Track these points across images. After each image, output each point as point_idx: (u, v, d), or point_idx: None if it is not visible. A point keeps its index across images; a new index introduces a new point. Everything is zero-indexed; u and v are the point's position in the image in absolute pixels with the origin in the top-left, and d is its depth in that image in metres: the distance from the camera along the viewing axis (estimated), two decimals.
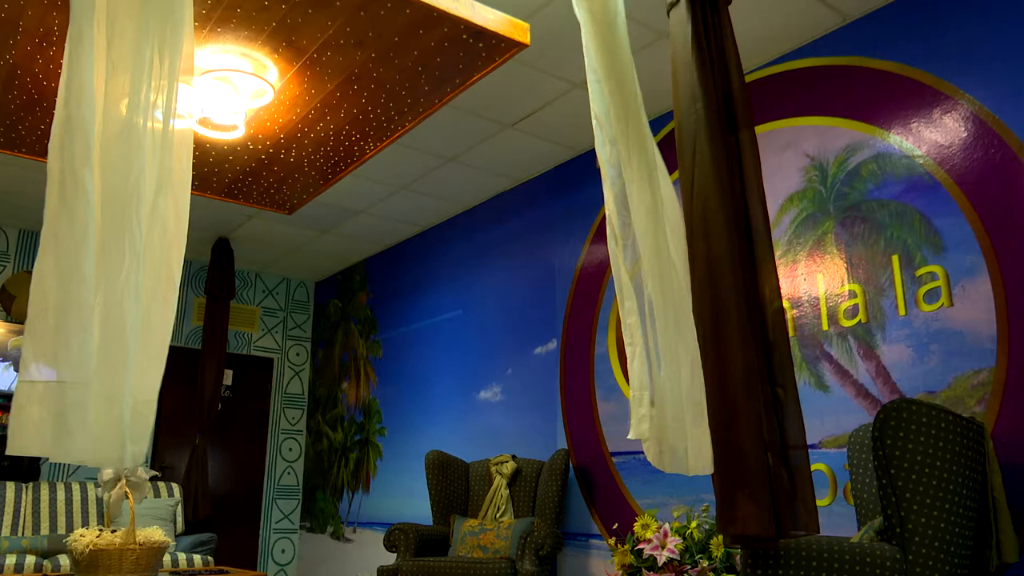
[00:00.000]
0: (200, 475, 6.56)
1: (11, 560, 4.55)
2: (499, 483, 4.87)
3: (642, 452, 4.40)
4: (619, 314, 2.47)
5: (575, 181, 5.40)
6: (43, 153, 4.61)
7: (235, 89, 3.88)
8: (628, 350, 2.43)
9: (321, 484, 7.54)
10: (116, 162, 1.95)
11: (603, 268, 4.98)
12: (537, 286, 5.57)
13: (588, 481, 4.78)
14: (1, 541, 4.81)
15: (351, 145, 4.48)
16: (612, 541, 4.08)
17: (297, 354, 8.11)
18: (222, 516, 7.22)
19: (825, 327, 3.74)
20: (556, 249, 5.46)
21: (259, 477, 7.66)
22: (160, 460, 7.02)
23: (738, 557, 3.48)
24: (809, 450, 3.54)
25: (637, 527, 3.67)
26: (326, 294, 8.14)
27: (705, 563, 3.51)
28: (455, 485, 5.05)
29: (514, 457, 4.97)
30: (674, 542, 3.56)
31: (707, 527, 3.66)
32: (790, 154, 4.06)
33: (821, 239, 3.84)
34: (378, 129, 4.32)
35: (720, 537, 3.53)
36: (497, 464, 4.96)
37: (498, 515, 4.77)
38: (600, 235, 5.09)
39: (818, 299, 3.79)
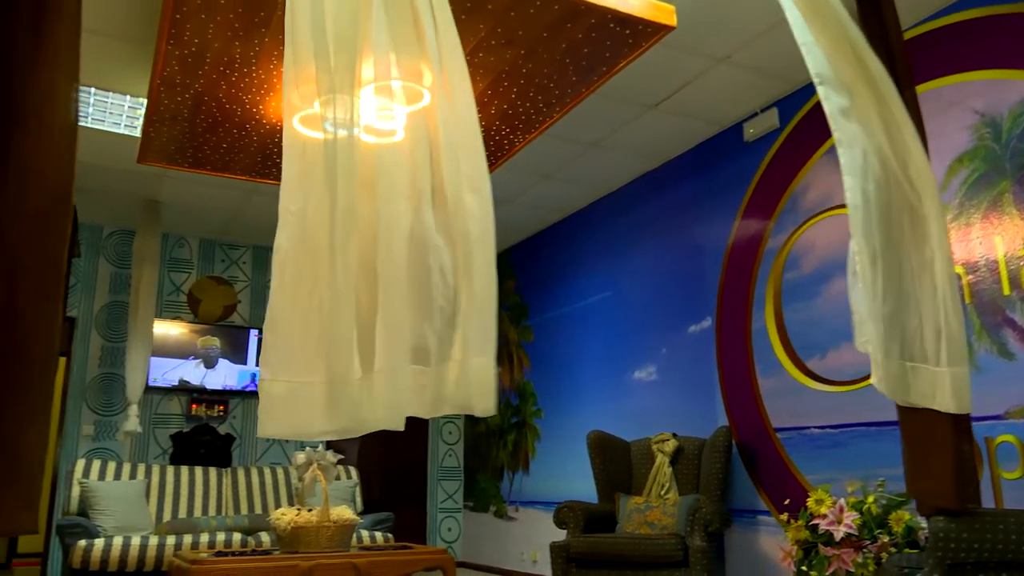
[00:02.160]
0: (372, 459, 7.00)
1: (220, 537, 5.06)
2: (661, 461, 4.93)
3: (808, 427, 4.36)
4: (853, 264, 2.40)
5: (721, 156, 5.35)
6: (225, 170, 5.07)
7: (394, 96, 4.11)
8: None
9: (481, 465, 7.86)
10: (312, 175, 2.13)
11: (756, 242, 4.92)
12: (687, 264, 5.56)
13: (752, 458, 4.76)
14: (209, 520, 5.35)
15: (501, 140, 4.64)
16: (784, 517, 4.06)
17: None
18: (392, 497, 7.68)
19: (1007, 291, 3.56)
20: (704, 226, 5.43)
21: (423, 460, 8.08)
22: (334, 446, 7.53)
23: (921, 533, 3.39)
24: (995, 421, 3.41)
25: (811, 502, 3.65)
26: None
27: (885, 538, 3.44)
28: (617, 464, 5.16)
29: (675, 435, 5.02)
30: (851, 517, 3.51)
31: (884, 502, 3.59)
32: (956, 112, 3.87)
33: (997, 199, 3.65)
34: (527, 122, 4.46)
35: (899, 512, 3.46)
36: (658, 442, 5.03)
37: (662, 492, 4.84)
38: (751, 209, 5.03)
39: (996, 263, 3.61)
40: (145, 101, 4.70)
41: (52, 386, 1.46)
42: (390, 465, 7.85)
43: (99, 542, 4.70)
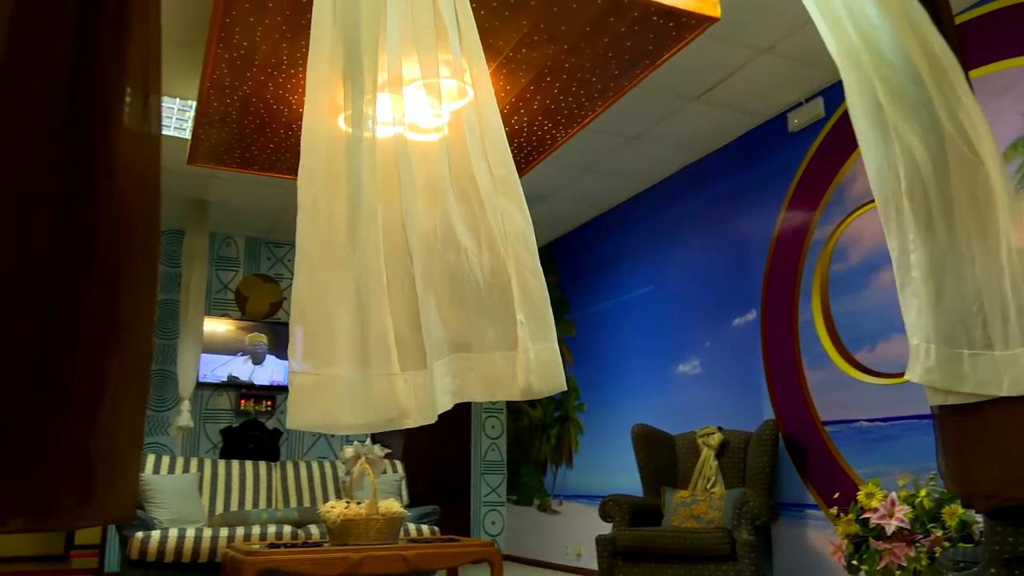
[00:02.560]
0: (416, 453, 7.08)
1: (271, 529, 5.17)
2: (707, 455, 4.91)
3: (858, 420, 4.31)
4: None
5: (764, 147, 5.29)
6: (272, 169, 5.17)
7: (437, 94, 4.15)
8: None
9: (524, 459, 7.89)
10: (341, 173, 2.15)
11: (802, 234, 4.87)
12: (730, 257, 5.52)
13: (799, 451, 4.72)
14: (260, 513, 5.47)
15: (543, 135, 4.66)
16: (834, 511, 4.03)
17: None
18: (436, 491, 7.75)
19: None
20: (748, 218, 5.38)
21: (466, 454, 8.15)
22: (380, 440, 7.63)
23: (976, 527, 3.34)
24: None
25: (861, 496, 3.61)
26: None
27: (939, 532, 3.40)
28: (662, 457, 5.15)
29: (720, 429, 4.99)
30: (903, 511, 3.47)
31: (937, 495, 3.54)
32: (1009, 98, 3.78)
33: None
34: (569, 117, 4.47)
35: (952, 506, 3.41)
36: (703, 436, 5.01)
37: (708, 486, 4.82)
38: (797, 200, 4.97)
39: None
40: (194, 103, 4.81)
41: (149, 381, 1.53)
42: (434, 459, 7.93)
43: (155, 534, 4.83)
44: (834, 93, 4.76)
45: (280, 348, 7.41)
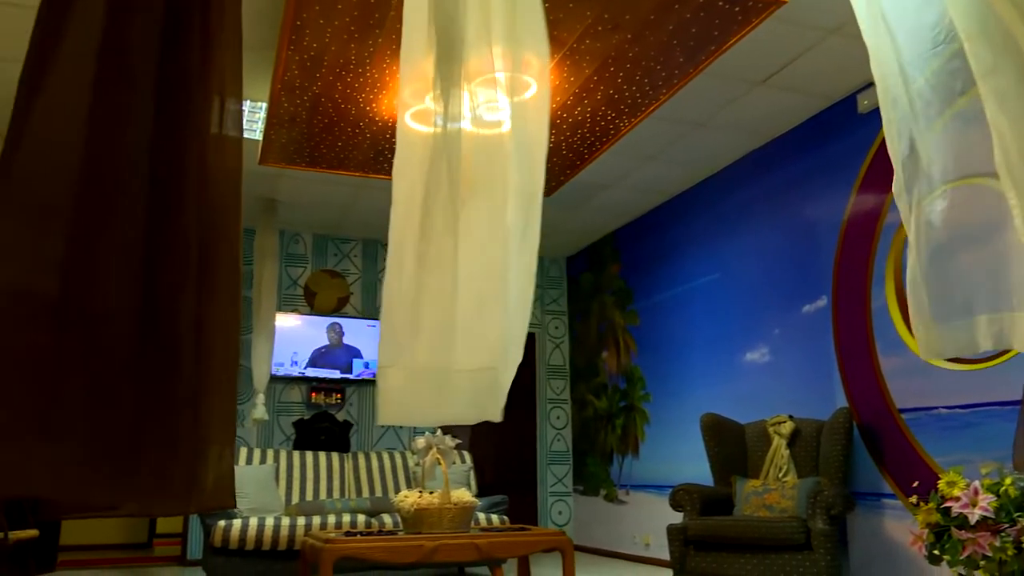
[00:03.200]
0: (484, 444, 7.17)
1: (346, 518, 5.31)
2: (778, 443, 4.86)
3: (936, 407, 4.21)
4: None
5: (833, 130, 5.19)
6: (339, 167, 5.29)
7: (500, 88, 4.19)
8: None
9: (589, 449, 7.91)
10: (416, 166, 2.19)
11: (874, 217, 4.76)
12: (798, 243, 5.43)
13: (874, 440, 4.63)
14: (335, 502, 5.62)
15: (607, 124, 4.65)
16: (913, 500, 3.94)
17: (556, 327, 8.53)
18: (502, 481, 7.83)
19: None
20: (816, 203, 5.29)
21: (532, 444, 8.20)
22: (449, 431, 7.74)
23: None
24: None
25: (942, 484, 3.52)
26: (578, 268, 8.47)
27: None
28: (732, 446, 5.11)
29: (791, 417, 4.93)
30: (987, 500, 3.37)
31: (1023, 484, 3.43)
32: None
33: None
34: (632, 106, 4.46)
35: None
36: (774, 425, 4.95)
37: (780, 475, 4.77)
38: (868, 183, 4.86)
39: None
40: (262, 104, 4.94)
41: (238, 374, 1.61)
42: (501, 449, 8.00)
43: (237, 523, 5.01)
44: None
45: (348, 342, 7.57)
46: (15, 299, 1.47)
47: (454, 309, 2.01)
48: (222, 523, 4.99)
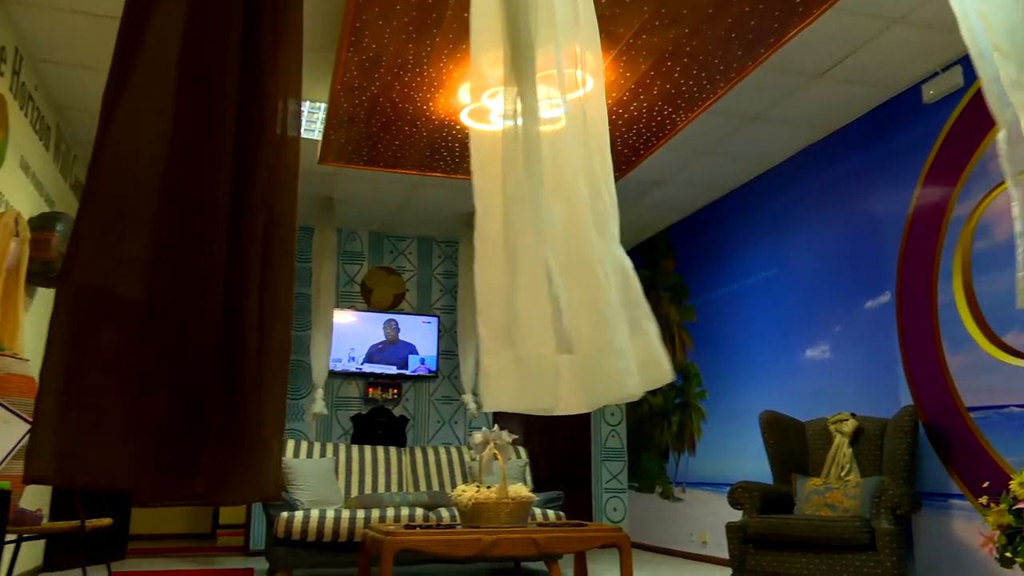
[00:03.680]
0: (537, 440, 7.19)
1: (404, 511, 5.39)
2: (840, 442, 4.77)
3: (1007, 405, 4.09)
4: None
5: (896, 122, 5.06)
6: (396, 166, 5.36)
7: (557, 85, 4.20)
8: None
9: (645, 446, 7.87)
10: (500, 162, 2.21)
11: (940, 211, 4.64)
12: (860, 237, 5.32)
13: (941, 439, 4.51)
14: (393, 496, 5.70)
15: (663, 120, 4.63)
16: (984, 500, 3.84)
17: None
18: (557, 477, 7.85)
19: None
20: (879, 196, 5.17)
21: (586, 441, 8.20)
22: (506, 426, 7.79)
23: None
24: None
25: (1014, 485, 3.43)
26: (632, 264, 8.41)
27: None
28: (792, 444, 5.04)
29: (853, 415, 4.84)
30: None
31: None
32: None
33: None
34: (689, 101, 4.42)
35: None
36: (836, 422, 4.86)
37: (842, 474, 4.68)
38: (933, 176, 4.73)
39: None
40: (322, 105, 5.04)
41: (289, 369, 1.67)
42: (554, 446, 8.02)
43: (299, 514, 5.12)
44: None
45: (403, 338, 7.67)
46: (101, 301, 1.54)
47: (547, 299, 2.01)
48: (285, 514, 5.11)
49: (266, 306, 1.65)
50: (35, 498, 5.00)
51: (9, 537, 3.23)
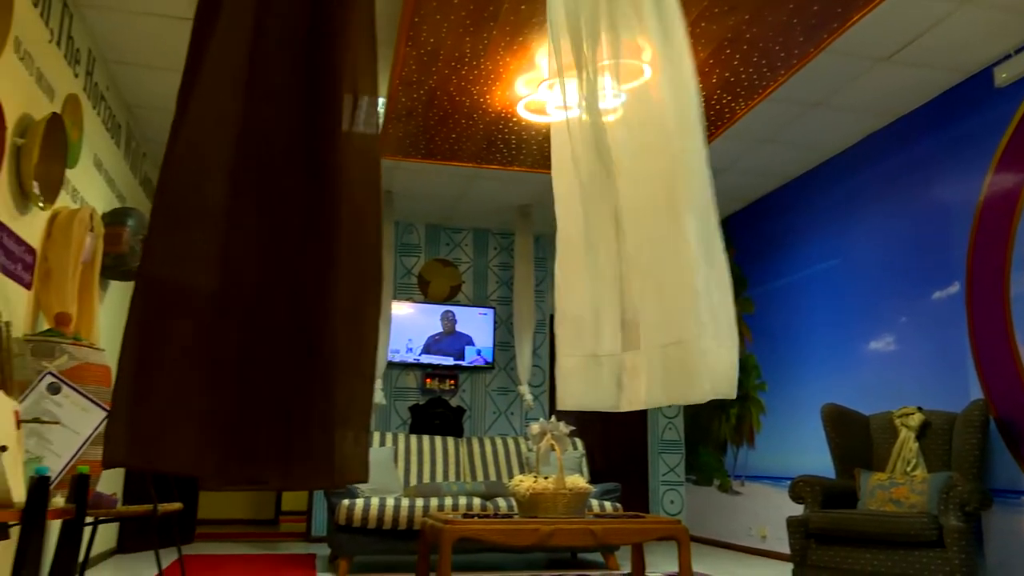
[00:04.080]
0: (594, 431, 7.18)
1: (462, 501, 5.45)
2: (906, 436, 4.65)
3: None
4: None
5: (965, 106, 4.89)
6: (452, 158, 5.40)
7: (615, 74, 4.18)
8: None
9: (703, 439, 7.80)
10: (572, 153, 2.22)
11: (1013, 198, 4.47)
12: (926, 226, 5.16)
13: (1014, 434, 4.37)
14: (451, 485, 5.77)
15: (722, 108, 4.56)
16: None
17: None
18: (613, 469, 7.83)
19: None
20: (947, 184, 5.01)
21: (642, 433, 8.16)
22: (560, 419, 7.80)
23: None
24: None
25: None
26: None
27: None
28: (856, 438, 4.93)
29: (920, 409, 4.71)
30: None
31: None
32: None
33: None
34: (749, 88, 4.35)
35: None
36: (902, 416, 4.74)
37: (908, 469, 4.57)
38: (1007, 161, 4.57)
39: None
40: (380, 100, 5.11)
41: (375, 359, 1.70)
42: (609, 438, 8.00)
43: (360, 502, 5.23)
44: None
45: (460, 329, 7.74)
46: (174, 293, 1.59)
47: (628, 293, 2.01)
48: (346, 502, 5.21)
49: (346, 302, 1.67)
50: (110, 483, 5.21)
51: (87, 520, 3.37)
